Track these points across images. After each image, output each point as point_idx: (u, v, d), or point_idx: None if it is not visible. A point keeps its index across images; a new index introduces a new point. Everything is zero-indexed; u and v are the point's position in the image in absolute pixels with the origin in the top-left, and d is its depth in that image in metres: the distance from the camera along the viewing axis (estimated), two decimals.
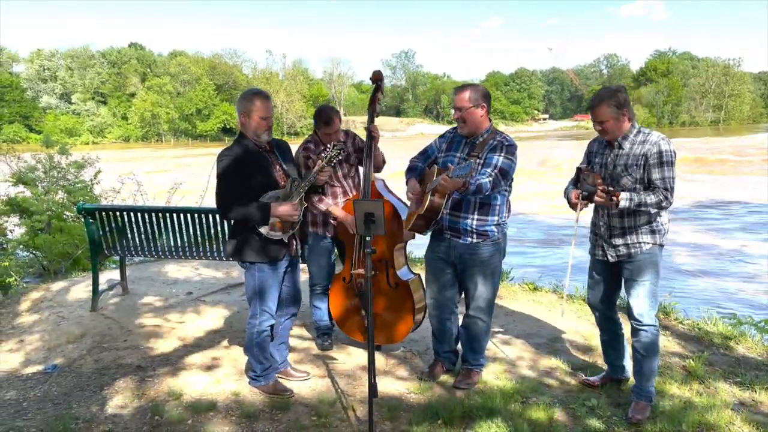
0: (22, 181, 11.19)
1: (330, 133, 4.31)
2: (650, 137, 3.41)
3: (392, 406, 3.71)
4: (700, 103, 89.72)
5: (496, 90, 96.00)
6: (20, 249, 10.54)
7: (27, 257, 10.32)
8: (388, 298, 4.31)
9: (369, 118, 4.37)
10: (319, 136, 4.40)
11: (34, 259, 10.00)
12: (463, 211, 3.80)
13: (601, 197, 3.27)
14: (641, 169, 3.38)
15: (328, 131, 4.31)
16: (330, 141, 4.31)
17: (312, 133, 4.51)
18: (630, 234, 3.51)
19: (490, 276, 3.90)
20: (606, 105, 3.39)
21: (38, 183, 11.34)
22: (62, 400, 3.90)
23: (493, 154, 3.71)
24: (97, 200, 11.73)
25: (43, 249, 9.66)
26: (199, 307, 5.65)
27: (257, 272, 3.71)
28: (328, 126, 4.30)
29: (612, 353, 3.98)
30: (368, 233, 3.08)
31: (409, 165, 4.00)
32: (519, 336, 4.88)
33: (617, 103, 3.38)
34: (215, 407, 3.74)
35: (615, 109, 3.39)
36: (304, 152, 4.36)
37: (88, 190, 11.77)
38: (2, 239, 10.97)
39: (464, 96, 3.74)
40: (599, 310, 3.89)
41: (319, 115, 4.37)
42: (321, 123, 4.33)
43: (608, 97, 3.40)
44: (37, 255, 9.88)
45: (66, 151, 12.13)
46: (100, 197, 12.01)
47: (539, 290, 6.18)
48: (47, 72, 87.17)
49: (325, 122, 4.30)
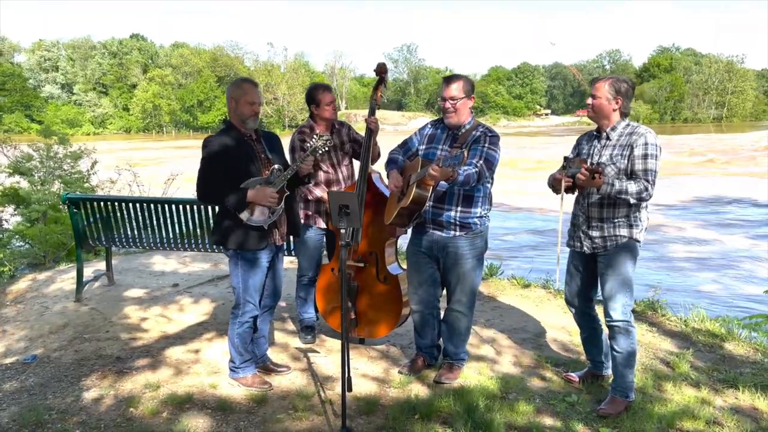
0: (18, 171, 11.17)
1: (327, 107, 4.29)
2: (638, 129, 3.42)
3: (370, 400, 3.67)
4: (702, 100, 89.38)
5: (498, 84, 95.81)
6: (16, 239, 10.54)
7: (23, 247, 10.31)
8: (375, 291, 4.26)
9: (370, 111, 4.32)
10: (315, 118, 4.37)
11: (30, 250, 9.98)
12: (447, 203, 3.75)
13: (584, 175, 3.25)
14: (626, 160, 3.38)
15: (326, 100, 4.29)
16: (327, 117, 4.31)
17: (308, 117, 4.47)
18: (607, 225, 3.49)
19: (471, 269, 3.86)
20: (608, 83, 3.45)
21: (35, 173, 11.34)
22: (38, 390, 3.86)
23: (477, 145, 3.66)
24: (93, 191, 11.73)
25: (38, 239, 9.65)
26: (184, 298, 5.61)
27: (239, 260, 3.69)
28: (326, 93, 4.30)
29: (592, 349, 3.95)
30: (343, 225, 3.03)
31: (389, 157, 3.95)
32: (504, 331, 4.84)
33: (616, 89, 3.43)
34: (191, 399, 3.70)
35: (612, 91, 3.42)
36: (299, 136, 4.31)
37: (85, 181, 11.80)
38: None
39: (457, 86, 3.71)
40: (575, 306, 3.86)
41: (310, 92, 4.36)
42: (315, 97, 4.31)
43: (614, 79, 3.47)
44: (33, 245, 9.86)
45: (66, 141, 12.12)
46: (97, 188, 12.00)
47: (529, 286, 6.12)
48: (48, 62, 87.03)
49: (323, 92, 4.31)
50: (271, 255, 3.79)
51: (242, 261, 3.68)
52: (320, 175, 4.37)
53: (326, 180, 4.39)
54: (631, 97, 3.48)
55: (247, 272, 3.69)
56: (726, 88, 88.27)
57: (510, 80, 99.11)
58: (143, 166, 14.37)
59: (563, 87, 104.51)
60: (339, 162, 4.47)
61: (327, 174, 4.41)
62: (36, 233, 9.64)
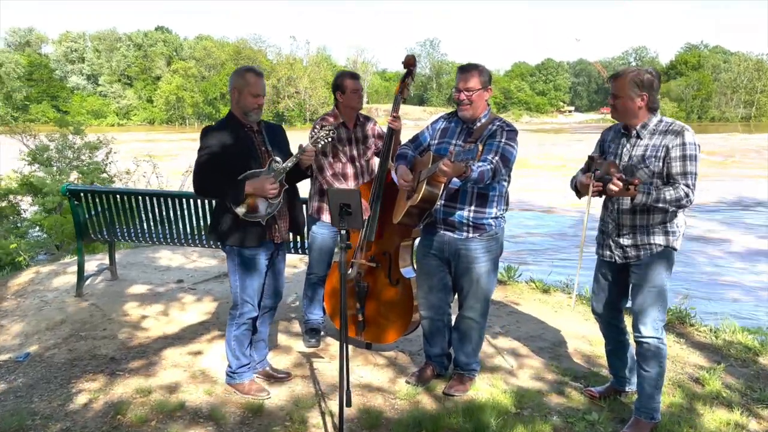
0: (36, 161, 11.16)
1: (353, 94, 4.09)
2: (673, 127, 3.06)
3: (373, 412, 3.42)
4: (730, 99, 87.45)
5: (522, 80, 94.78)
6: (33, 228, 10.50)
7: (41, 237, 10.26)
8: (386, 294, 4.01)
9: (394, 106, 4.06)
10: (339, 107, 4.14)
11: (47, 240, 9.92)
12: (459, 201, 3.47)
13: (616, 185, 2.86)
14: (660, 162, 3.02)
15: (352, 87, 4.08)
16: (353, 106, 4.12)
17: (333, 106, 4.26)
18: (641, 233, 3.15)
19: (485, 274, 3.58)
20: (628, 79, 3.05)
21: (53, 163, 11.31)
22: (25, 392, 3.68)
23: (493, 140, 3.38)
24: (111, 181, 11.68)
25: (54, 229, 9.57)
26: (187, 296, 5.40)
27: (236, 257, 3.46)
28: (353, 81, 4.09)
29: (617, 363, 3.64)
30: (343, 226, 2.77)
31: (399, 152, 3.68)
32: (520, 339, 4.55)
33: (639, 82, 3.03)
34: (183, 407, 3.48)
35: (635, 88, 3.04)
36: (321, 122, 4.04)
37: (102, 171, 11.75)
38: (16, 218, 10.98)
39: (474, 76, 3.42)
40: (603, 317, 3.54)
41: (336, 79, 4.15)
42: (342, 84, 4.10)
43: (634, 73, 3.06)
44: (51, 235, 9.79)
45: (81, 132, 12.12)
46: (115, 178, 11.95)
47: (548, 291, 5.79)
48: (75, 54, 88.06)
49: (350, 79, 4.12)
50: (271, 253, 3.55)
51: (240, 259, 3.45)
52: (338, 168, 4.14)
53: (344, 173, 4.16)
54: (657, 89, 3.10)
55: (245, 271, 3.46)
56: (755, 87, 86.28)
57: (533, 76, 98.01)
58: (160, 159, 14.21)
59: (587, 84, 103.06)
60: (358, 156, 4.22)
61: (345, 167, 4.17)
62: (52, 223, 9.58)
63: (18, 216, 10.90)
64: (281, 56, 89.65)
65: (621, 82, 3.08)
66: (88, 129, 12.81)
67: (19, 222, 10.73)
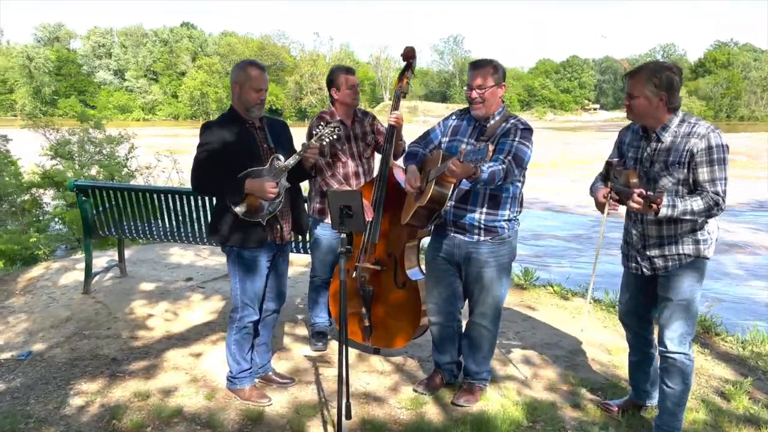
0: (58, 154, 11.23)
1: (348, 90, 3.89)
2: (697, 128, 2.79)
3: (377, 423, 3.27)
4: (760, 97, 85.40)
5: (546, 78, 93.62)
6: (55, 222, 10.56)
7: (62, 231, 10.30)
8: (392, 297, 3.85)
9: (394, 102, 3.90)
10: (336, 104, 3.97)
11: (68, 233, 9.95)
12: (471, 203, 3.30)
13: (637, 203, 2.65)
14: (685, 168, 2.79)
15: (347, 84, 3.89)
16: (347, 103, 3.93)
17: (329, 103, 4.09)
18: (668, 244, 2.93)
19: (497, 279, 3.40)
20: (644, 78, 2.80)
21: (74, 157, 11.39)
22: (22, 393, 3.59)
23: (506, 138, 3.19)
24: (131, 176, 11.71)
25: (75, 223, 9.58)
26: (195, 294, 5.30)
27: (236, 258, 3.33)
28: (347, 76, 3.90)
29: (639, 375, 3.43)
30: (344, 230, 2.61)
31: (408, 150, 3.51)
32: (535, 346, 4.35)
33: (657, 82, 2.77)
34: (181, 413, 3.37)
35: (652, 88, 2.78)
36: (317, 122, 3.85)
37: (123, 166, 11.80)
38: (38, 212, 11.06)
39: (486, 72, 3.23)
40: (630, 326, 3.34)
41: (330, 74, 3.96)
42: (335, 80, 3.91)
43: (650, 71, 2.80)
44: (72, 229, 9.82)
45: (101, 126, 12.19)
46: (136, 172, 11.98)
47: (567, 296, 5.57)
48: (102, 49, 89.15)
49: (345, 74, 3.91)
50: (272, 254, 3.41)
51: (240, 260, 3.32)
52: (338, 168, 3.97)
53: (344, 173, 3.98)
54: (678, 88, 2.81)
55: (245, 273, 3.33)
56: None
57: (558, 73, 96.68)
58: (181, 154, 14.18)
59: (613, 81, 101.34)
60: (360, 154, 4.05)
61: (345, 166, 4.00)
62: (72, 217, 9.59)
63: (40, 209, 10.99)
64: (305, 52, 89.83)
65: (637, 80, 2.83)
66: (114, 124, 12.90)
67: (41, 215, 10.82)
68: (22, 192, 10.45)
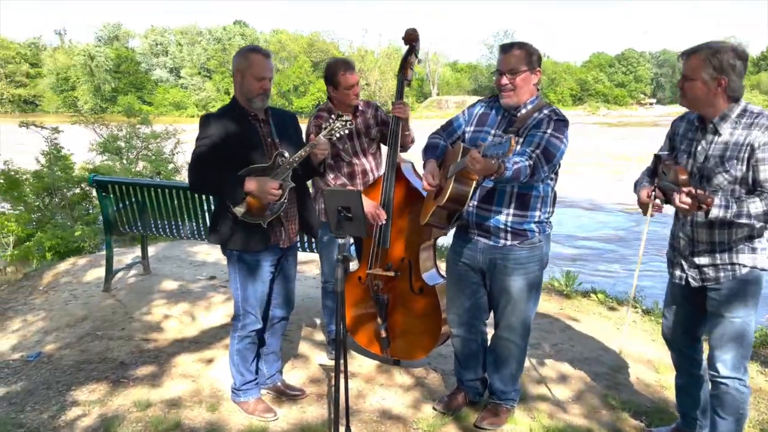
0: (107, 150, 11.42)
1: (347, 91, 3.54)
2: (760, 120, 2.40)
3: None
4: None
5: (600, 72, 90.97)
6: None
7: None
8: (410, 305, 3.54)
9: (398, 92, 3.58)
10: (333, 101, 3.66)
11: None
12: (496, 203, 2.93)
13: (685, 203, 2.30)
14: (743, 164, 2.40)
15: (348, 83, 3.53)
16: (348, 104, 3.58)
17: (327, 99, 3.77)
18: (721, 251, 2.53)
19: (526, 288, 3.03)
20: (702, 58, 2.42)
21: (122, 152, 11.55)
22: (21, 399, 3.44)
23: (537, 130, 2.80)
24: (177, 171, 11.80)
25: None
26: (216, 294, 5.10)
27: (236, 262, 3.08)
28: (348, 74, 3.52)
29: (687, 401, 3.01)
30: (342, 234, 2.30)
31: (428, 142, 3.15)
32: (573, 361, 3.95)
33: (717, 65, 2.39)
34: (179, 426, 3.13)
35: (710, 70, 2.40)
36: (315, 121, 3.57)
37: (169, 161, 11.92)
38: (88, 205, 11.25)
39: (519, 56, 2.85)
40: (675, 345, 2.93)
41: (327, 70, 3.59)
42: (334, 78, 3.55)
43: (709, 52, 2.41)
44: None
45: (147, 122, 12.38)
46: (181, 168, 12.07)
47: (613, 306, 5.09)
48: (159, 47, 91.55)
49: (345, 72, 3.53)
50: (276, 258, 3.13)
51: (240, 264, 3.06)
52: (342, 166, 3.67)
53: (349, 172, 3.67)
54: (742, 73, 2.43)
55: (246, 278, 3.07)
56: None
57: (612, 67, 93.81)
58: None
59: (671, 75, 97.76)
60: (364, 150, 3.73)
61: (350, 164, 3.69)
62: None
63: (90, 203, 11.18)
64: (353, 48, 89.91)
65: (694, 61, 2.44)
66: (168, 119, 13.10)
67: (90, 208, 10.99)
68: (72, 186, 10.63)
